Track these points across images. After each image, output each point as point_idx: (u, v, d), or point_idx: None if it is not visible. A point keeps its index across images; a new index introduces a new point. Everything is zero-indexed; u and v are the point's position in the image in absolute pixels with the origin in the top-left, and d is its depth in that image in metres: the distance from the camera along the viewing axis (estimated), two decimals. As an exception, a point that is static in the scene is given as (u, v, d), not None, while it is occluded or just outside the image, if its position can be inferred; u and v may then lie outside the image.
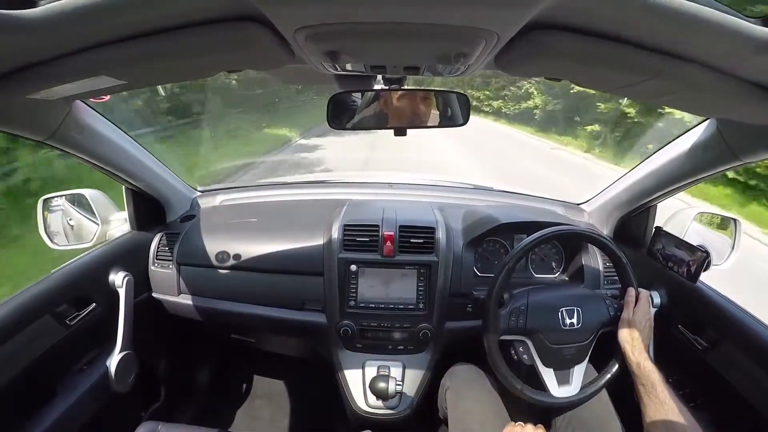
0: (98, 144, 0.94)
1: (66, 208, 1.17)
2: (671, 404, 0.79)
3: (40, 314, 0.90)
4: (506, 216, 1.20)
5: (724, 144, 0.81)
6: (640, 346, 0.88)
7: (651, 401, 0.81)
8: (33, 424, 0.87)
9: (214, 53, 0.55)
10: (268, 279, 1.18)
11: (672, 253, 1.03)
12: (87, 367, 1.04)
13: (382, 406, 1.11)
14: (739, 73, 0.52)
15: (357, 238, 1.14)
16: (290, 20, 0.46)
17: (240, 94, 10.94)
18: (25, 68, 0.54)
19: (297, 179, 1.82)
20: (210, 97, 9.24)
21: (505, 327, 0.89)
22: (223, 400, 1.64)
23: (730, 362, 0.91)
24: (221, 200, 1.47)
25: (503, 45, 0.52)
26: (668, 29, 0.45)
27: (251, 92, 11.84)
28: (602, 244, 0.96)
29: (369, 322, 1.14)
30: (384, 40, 0.51)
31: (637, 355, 0.86)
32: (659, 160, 1.04)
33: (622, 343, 0.89)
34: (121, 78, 0.61)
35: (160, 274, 1.23)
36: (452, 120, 0.89)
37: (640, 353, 0.86)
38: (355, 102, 0.86)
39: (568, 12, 0.44)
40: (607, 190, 1.31)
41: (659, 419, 0.78)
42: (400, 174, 1.95)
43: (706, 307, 0.98)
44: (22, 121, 0.72)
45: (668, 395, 0.80)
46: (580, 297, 0.94)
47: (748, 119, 0.70)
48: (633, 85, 0.60)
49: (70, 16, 0.43)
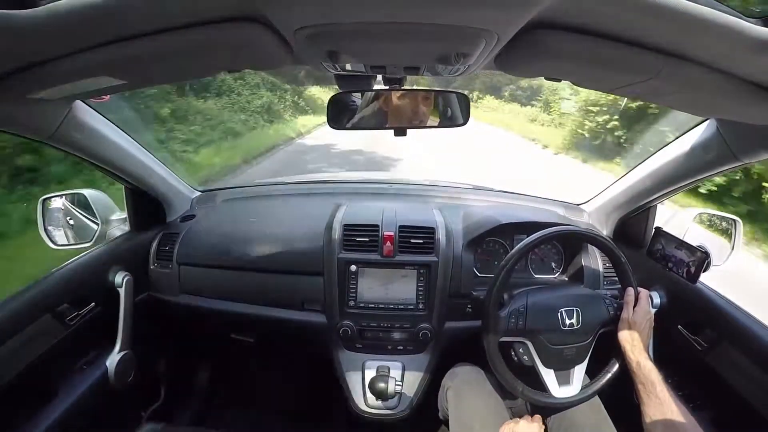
0: (98, 144, 0.94)
1: (66, 207, 1.17)
2: (671, 404, 0.78)
3: (40, 314, 0.90)
4: (506, 216, 1.20)
5: (724, 144, 0.81)
6: (640, 345, 0.88)
7: (651, 401, 0.80)
8: (33, 424, 0.87)
9: (214, 53, 0.56)
10: (267, 279, 1.18)
11: (672, 254, 1.03)
12: (87, 367, 1.04)
13: (381, 406, 1.11)
14: (739, 73, 0.52)
15: (357, 238, 1.14)
16: (290, 20, 0.46)
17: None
18: (25, 68, 0.54)
19: (297, 179, 1.82)
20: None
21: (504, 328, 0.89)
22: (222, 400, 1.64)
23: (730, 362, 0.91)
24: (221, 200, 1.47)
25: (503, 45, 0.52)
26: (668, 29, 0.45)
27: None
28: (602, 245, 0.96)
29: (369, 322, 1.14)
30: (384, 40, 0.51)
31: (637, 354, 0.86)
32: (659, 160, 1.03)
33: (621, 343, 0.89)
34: (121, 78, 0.61)
35: (160, 274, 1.23)
36: (452, 120, 0.89)
37: (639, 353, 0.86)
38: (355, 102, 0.86)
39: (568, 12, 0.44)
40: (607, 190, 1.31)
41: (659, 419, 0.78)
42: (400, 174, 1.95)
43: (706, 308, 0.98)
44: (22, 121, 0.72)
45: (668, 395, 0.80)
46: (580, 297, 0.94)
47: (748, 119, 0.70)
48: (633, 85, 0.60)
49: (71, 16, 0.43)
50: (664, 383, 0.82)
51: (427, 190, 1.56)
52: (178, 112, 7.17)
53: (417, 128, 0.90)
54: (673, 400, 0.79)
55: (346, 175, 2.03)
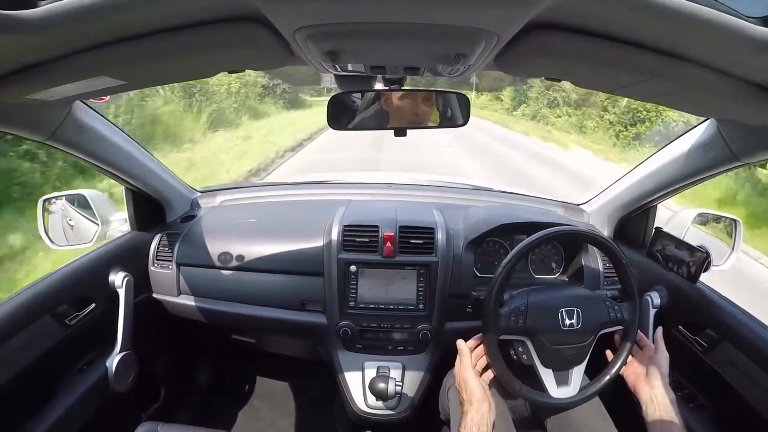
0: (98, 144, 0.94)
1: (66, 208, 1.17)
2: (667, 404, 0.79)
3: (40, 314, 0.90)
4: (506, 216, 1.20)
5: (724, 144, 0.81)
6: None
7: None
8: (33, 424, 0.87)
9: (214, 53, 0.56)
10: (268, 279, 1.18)
11: (672, 254, 1.03)
12: (87, 368, 1.04)
13: (381, 407, 1.11)
14: (739, 73, 0.52)
15: (357, 239, 1.14)
16: (290, 20, 0.46)
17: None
18: (25, 68, 0.54)
19: (297, 179, 1.82)
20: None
21: (504, 326, 0.89)
22: (222, 400, 1.64)
23: (730, 362, 0.91)
24: (221, 200, 1.46)
25: (503, 45, 0.52)
26: (668, 29, 0.45)
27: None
28: (602, 245, 0.95)
29: (369, 322, 1.14)
30: (384, 40, 0.51)
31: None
32: (659, 160, 1.03)
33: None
34: (121, 78, 0.61)
35: (160, 275, 1.23)
36: (452, 120, 0.89)
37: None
38: (355, 102, 0.86)
39: (568, 12, 0.44)
40: (608, 190, 1.31)
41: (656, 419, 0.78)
42: (400, 174, 1.95)
43: (706, 308, 0.98)
44: (22, 121, 0.72)
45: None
46: (580, 298, 0.94)
47: (748, 119, 0.70)
48: (633, 85, 0.60)
49: (71, 17, 0.43)
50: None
51: (427, 190, 1.56)
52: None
53: (417, 128, 0.90)
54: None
55: (347, 176, 2.03)
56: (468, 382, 0.85)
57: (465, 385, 0.86)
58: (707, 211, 1.14)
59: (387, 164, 6.94)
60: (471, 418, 0.80)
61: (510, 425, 0.95)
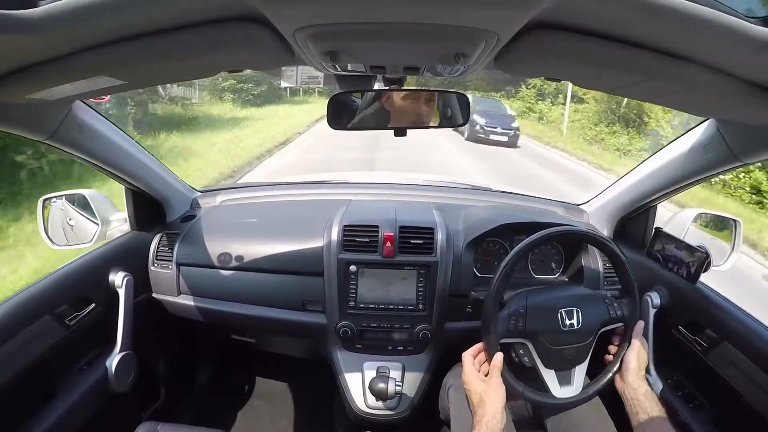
0: (98, 144, 0.94)
1: (66, 208, 1.17)
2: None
3: (40, 314, 0.90)
4: (506, 216, 1.20)
5: (725, 144, 0.81)
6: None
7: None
8: (33, 424, 0.87)
9: (214, 53, 0.55)
10: (268, 279, 1.18)
11: (672, 254, 1.03)
12: (87, 368, 1.04)
13: (381, 407, 1.11)
14: (739, 73, 0.52)
15: (357, 239, 1.14)
16: (290, 20, 0.46)
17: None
18: (25, 68, 0.54)
19: (297, 179, 1.82)
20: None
21: (504, 330, 0.89)
22: (222, 400, 1.64)
23: (730, 362, 0.91)
24: (221, 200, 1.46)
25: (503, 45, 0.52)
26: (668, 29, 0.45)
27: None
28: (602, 245, 0.96)
29: (369, 322, 1.14)
30: (384, 40, 0.51)
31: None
32: (659, 160, 1.03)
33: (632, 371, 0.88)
34: (121, 78, 0.61)
35: (160, 275, 1.23)
36: (452, 120, 0.89)
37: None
38: (355, 102, 0.86)
39: (568, 12, 0.44)
40: (608, 190, 1.31)
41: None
42: (400, 174, 1.95)
43: (706, 308, 0.98)
44: (22, 121, 0.72)
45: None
46: (580, 298, 0.94)
47: (748, 119, 0.70)
48: (633, 85, 0.60)
49: (71, 17, 0.43)
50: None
51: (427, 190, 1.56)
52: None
53: (417, 128, 0.90)
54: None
55: (347, 176, 2.03)
56: (472, 391, 0.85)
57: (470, 394, 0.86)
58: (707, 211, 1.15)
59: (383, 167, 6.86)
60: (486, 423, 0.80)
61: (510, 425, 0.95)
